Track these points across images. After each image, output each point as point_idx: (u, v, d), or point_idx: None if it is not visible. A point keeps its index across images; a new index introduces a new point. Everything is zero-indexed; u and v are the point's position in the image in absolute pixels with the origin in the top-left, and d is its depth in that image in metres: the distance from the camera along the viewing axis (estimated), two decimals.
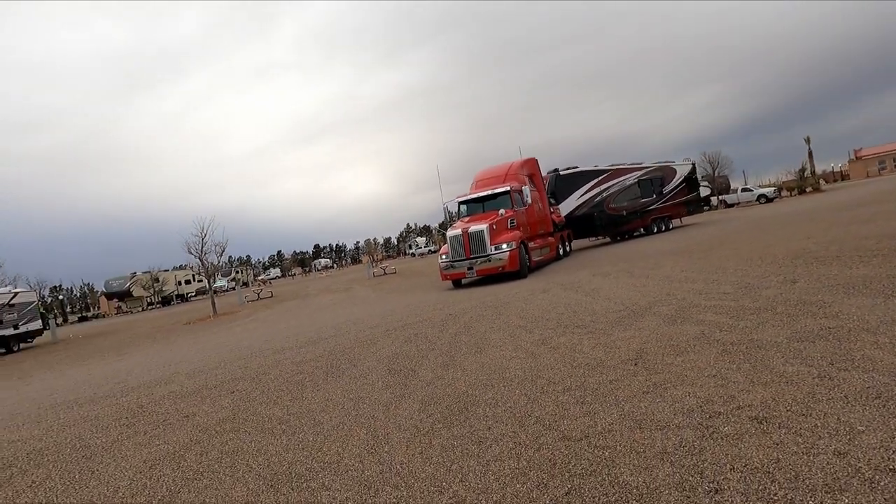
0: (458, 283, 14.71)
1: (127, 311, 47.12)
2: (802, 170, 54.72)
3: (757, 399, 3.17)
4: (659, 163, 25.79)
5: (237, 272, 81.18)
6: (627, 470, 2.60)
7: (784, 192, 49.08)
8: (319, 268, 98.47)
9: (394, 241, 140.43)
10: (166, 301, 48.78)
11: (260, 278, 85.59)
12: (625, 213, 23.10)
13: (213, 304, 21.17)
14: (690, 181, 27.56)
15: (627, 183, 23.43)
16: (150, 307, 47.19)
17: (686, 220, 29.31)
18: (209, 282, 22.54)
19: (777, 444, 2.58)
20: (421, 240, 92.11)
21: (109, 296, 48.04)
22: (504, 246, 13.42)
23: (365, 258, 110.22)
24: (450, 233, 14.35)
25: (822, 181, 55.18)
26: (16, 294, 20.67)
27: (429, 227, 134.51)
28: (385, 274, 32.00)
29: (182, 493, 3.31)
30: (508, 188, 15.19)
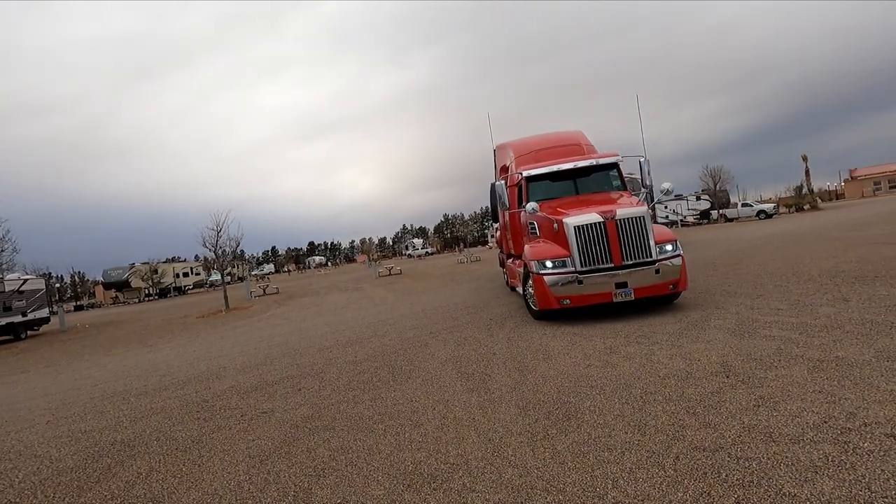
0: (543, 315, 8.29)
1: (123, 302, 46.64)
2: (800, 187, 55.58)
3: (881, 416, 3.29)
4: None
5: (233, 266, 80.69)
6: (788, 482, 2.69)
7: (782, 209, 49.82)
8: (315, 265, 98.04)
9: (389, 241, 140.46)
10: (163, 293, 48.35)
11: (255, 273, 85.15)
12: None
13: (226, 298, 21.08)
14: None
15: None
16: (147, 298, 46.75)
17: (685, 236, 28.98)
18: (223, 275, 22.46)
19: None
20: (418, 241, 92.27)
21: (107, 286, 47.56)
22: (669, 248, 7.85)
23: (360, 257, 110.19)
24: (572, 221, 7.83)
25: (818, 199, 56.02)
26: (25, 281, 20.43)
27: (425, 228, 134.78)
28: (391, 274, 32.02)
29: (315, 491, 3.36)
30: (619, 159, 9.75)
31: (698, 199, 52.60)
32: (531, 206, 8.78)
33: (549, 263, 7.98)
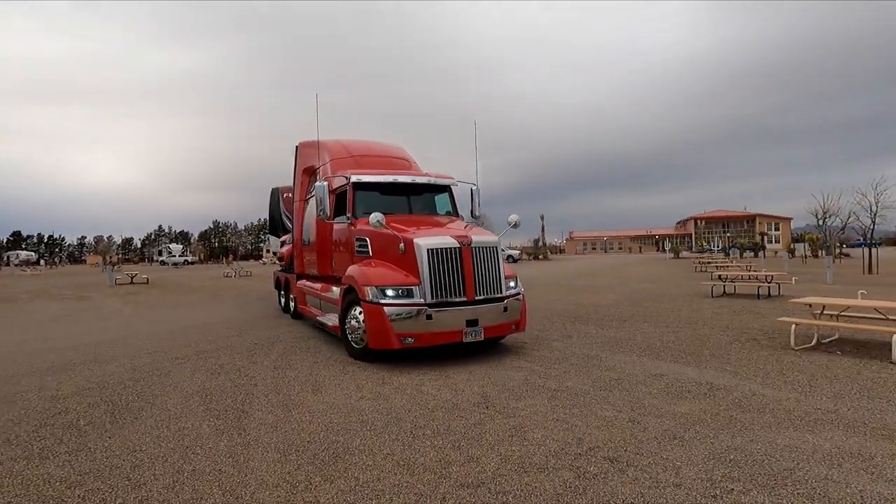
0: (367, 355, 6.85)
1: None
2: (538, 240, 68.35)
3: (600, 440, 3.88)
4: None
5: None
6: None
7: (524, 256, 60.22)
8: (18, 262, 75.25)
9: (137, 242, 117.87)
10: None
11: None
12: None
13: None
14: None
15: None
16: None
17: None
18: None
19: (634, 481, 3.22)
20: (176, 246, 79.82)
21: None
22: (513, 284, 7.36)
23: (93, 258, 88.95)
24: (424, 242, 6.68)
25: (549, 252, 69.86)
26: None
27: (187, 233, 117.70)
28: (133, 283, 26.54)
29: None
30: (454, 182, 8.99)
31: None
32: (377, 217, 6.87)
33: (390, 292, 6.58)
